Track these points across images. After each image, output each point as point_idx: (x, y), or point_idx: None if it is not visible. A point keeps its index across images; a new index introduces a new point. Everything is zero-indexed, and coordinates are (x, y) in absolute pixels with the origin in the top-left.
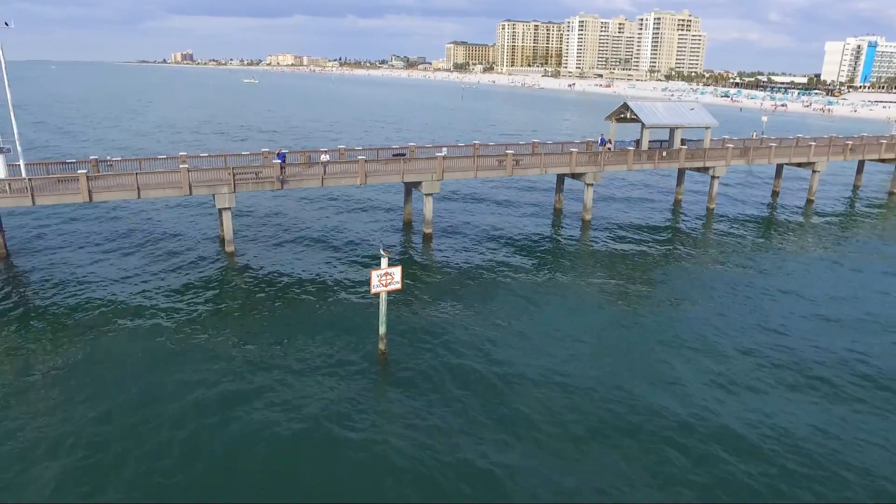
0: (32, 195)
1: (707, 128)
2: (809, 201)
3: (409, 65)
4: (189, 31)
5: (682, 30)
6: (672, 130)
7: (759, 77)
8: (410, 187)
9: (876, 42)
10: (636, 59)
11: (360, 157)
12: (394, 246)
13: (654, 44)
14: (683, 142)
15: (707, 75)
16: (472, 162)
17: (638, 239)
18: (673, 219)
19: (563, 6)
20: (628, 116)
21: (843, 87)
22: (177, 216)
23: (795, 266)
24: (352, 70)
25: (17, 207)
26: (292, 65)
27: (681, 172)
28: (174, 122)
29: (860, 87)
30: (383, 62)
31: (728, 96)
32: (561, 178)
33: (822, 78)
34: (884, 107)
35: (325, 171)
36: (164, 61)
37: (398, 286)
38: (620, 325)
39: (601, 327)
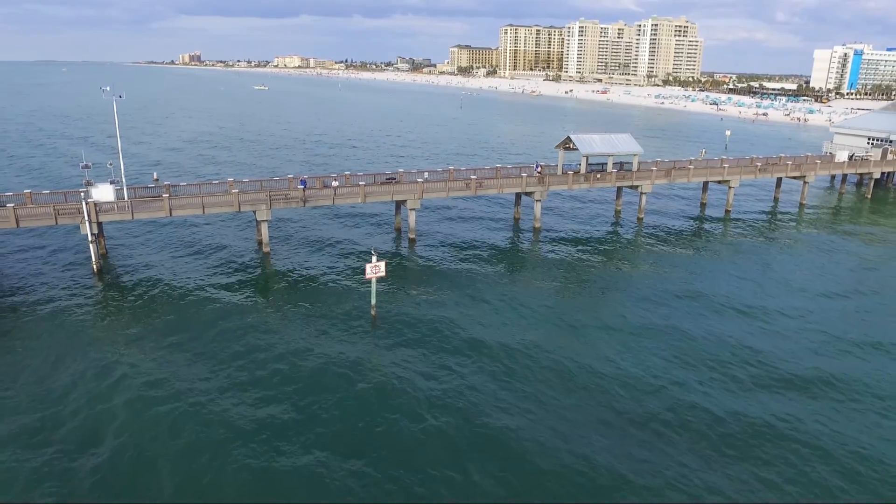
0: (132, 212)
1: (635, 155)
2: (727, 212)
3: (415, 67)
4: (197, 32)
5: (680, 35)
6: (611, 156)
7: (752, 83)
8: (399, 203)
9: (862, 50)
10: (635, 64)
11: (360, 183)
12: (386, 247)
13: (651, 49)
14: (622, 165)
15: (704, 80)
16: (445, 185)
17: (579, 239)
18: (612, 225)
19: (570, 6)
20: (571, 146)
21: (830, 94)
22: (225, 225)
23: (695, 252)
24: (358, 73)
25: (120, 221)
26: (299, 67)
27: (619, 189)
28: (205, 136)
29: (847, 93)
30: (389, 64)
31: (716, 104)
32: (518, 195)
33: (812, 85)
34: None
35: (335, 193)
36: (173, 62)
37: (383, 274)
38: (558, 295)
39: (544, 297)
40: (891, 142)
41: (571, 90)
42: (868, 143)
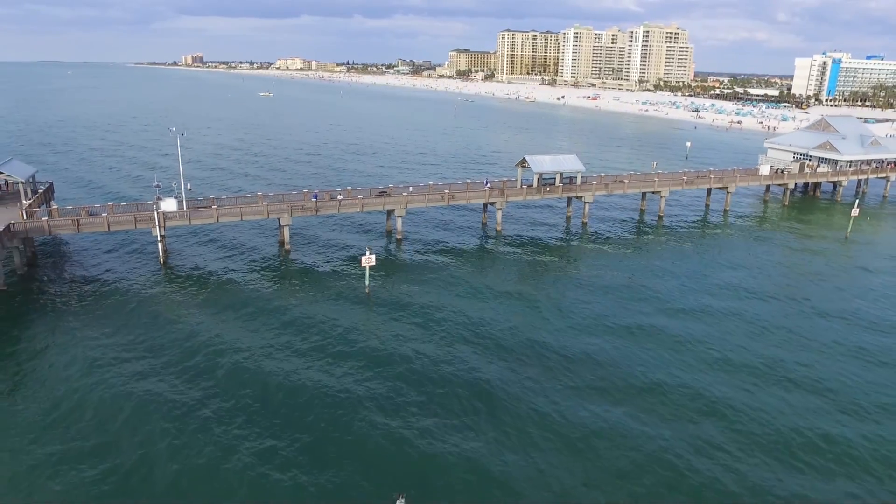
0: (189, 219)
1: (578, 172)
2: (660, 217)
3: (415, 70)
4: (199, 32)
5: (671, 42)
6: (560, 173)
7: (738, 89)
8: (389, 211)
9: (840, 59)
10: (627, 69)
11: (359, 196)
12: (378, 244)
13: (643, 55)
14: (572, 180)
15: (695, 85)
16: (425, 197)
17: (533, 237)
18: (563, 228)
19: (571, 5)
20: (527, 165)
21: (809, 101)
22: (255, 229)
23: (627, 242)
24: (359, 76)
25: (180, 226)
26: (301, 69)
27: (569, 199)
28: (227, 148)
29: (826, 100)
30: (390, 66)
31: (698, 110)
32: (484, 204)
33: (793, 92)
34: None
35: (339, 204)
36: (175, 63)
37: (374, 264)
38: (513, 275)
39: (502, 283)
40: (809, 157)
41: (563, 96)
42: (793, 157)
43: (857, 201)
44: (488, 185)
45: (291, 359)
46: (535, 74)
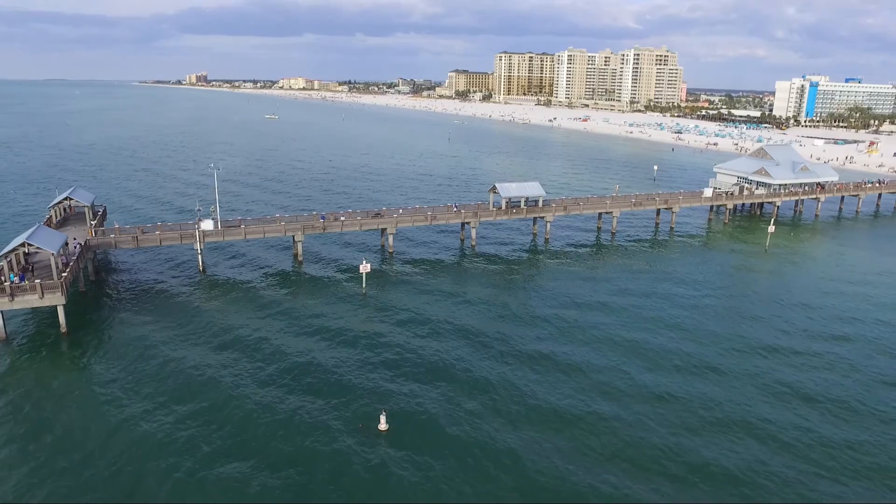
0: (223, 236)
1: (540, 196)
2: (613, 234)
3: (416, 89)
4: (202, 50)
5: (660, 64)
6: (526, 198)
7: (723, 111)
8: (383, 229)
9: (818, 82)
10: (619, 91)
11: (358, 217)
12: (373, 256)
13: (634, 77)
14: (536, 202)
15: (684, 105)
16: (412, 218)
17: (504, 249)
18: (529, 243)
19: (570, 23)
20: (496, 191)
21: (789, 122)
22: (273, 244)
23: (583, 252)
24: (360, 96)
25: (217, 242)
26: (304, 88)
27: (534, 219)
28: (246, 171)
29: (805, 121)
30: (391, 86)
31: (680, 132)
32: (462, 224)
33: (774, 113)
34: (800, 145)
35: (342, 224)
36: (180, 82)
37: (369, 270)
38: (487, 280)
39: (477, 288)
40: (749, 181)
41: (555, 118)
42: (736, 181)
43: (773, 220)
44: (456, 208)
45: (309, 336)
46: (532, 95)
